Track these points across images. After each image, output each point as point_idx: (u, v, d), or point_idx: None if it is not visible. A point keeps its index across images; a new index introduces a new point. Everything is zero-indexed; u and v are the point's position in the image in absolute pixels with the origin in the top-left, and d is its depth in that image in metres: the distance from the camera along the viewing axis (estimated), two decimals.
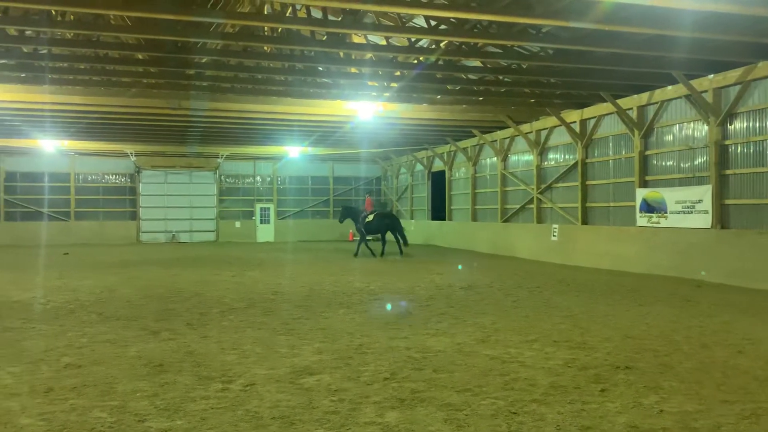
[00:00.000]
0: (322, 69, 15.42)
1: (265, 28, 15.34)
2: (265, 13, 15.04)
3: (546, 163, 21.60)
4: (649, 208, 16.36)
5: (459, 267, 18.17)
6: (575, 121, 19.56)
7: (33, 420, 4.90)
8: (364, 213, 23.03)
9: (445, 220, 29.67)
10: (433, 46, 14.35)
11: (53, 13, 12.62)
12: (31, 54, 13.77)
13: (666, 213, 15.78)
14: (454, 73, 15.83)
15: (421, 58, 14.53)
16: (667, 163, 16.22)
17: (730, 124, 14.29)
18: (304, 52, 14.66)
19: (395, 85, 16.37)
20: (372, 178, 37.73)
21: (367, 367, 6.50)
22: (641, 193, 16.68)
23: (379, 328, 8.68)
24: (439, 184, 30.78)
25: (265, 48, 15.40)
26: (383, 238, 22.55)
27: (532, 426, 4.71)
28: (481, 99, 18.29)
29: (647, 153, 16.77)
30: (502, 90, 17.52)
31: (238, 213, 35.49)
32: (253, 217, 35.63)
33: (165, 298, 11.87)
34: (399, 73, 15.91)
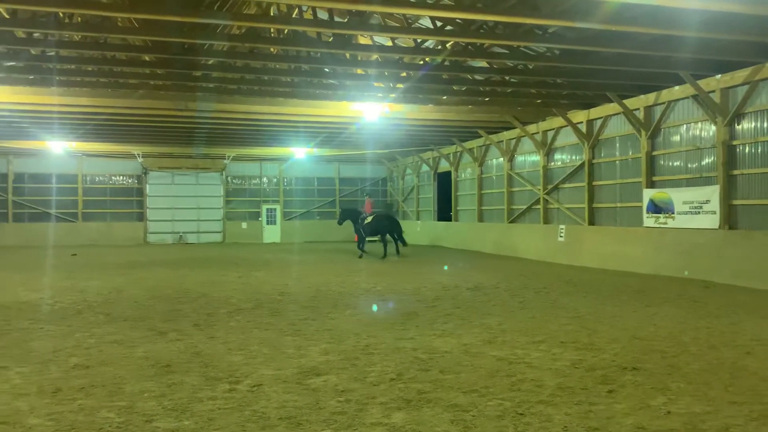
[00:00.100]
0: (328, 70, 15.45)
1: (272, 30, 15.40)
2: (272, 14, 15.09)
3: (552, 163, 21.56)
4: (656, 208, 16.30)
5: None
6: (582, 122, 19.51)
7: (41, 420, 4.93)
8: (363, 215, 23.33)
9: (451, 221, 29.66)
10: (439, 47, 14.36)
11: (61, 15, 12.69)
12: (39, 56, 13.85)
13: (673, 213, 15.72)
14: (460, 73, 15.83)
15: (427, 59, 14.54)
16: (675, 164, 16.16)
17: (738, 125, 14.22)
18: (311, 54, 14.70)
19: (401, 85, 16.38)
20: (378, 179, 37.76)
21: (374, 367, 6.51)
22: (648, 193, 16.62)
23: (386, 328, 8.69)
24: (445, 185, 30.74)
25: (272, 49, 15.44)
26: (384, 240, 22.62)
27: (539, 427, 4.70)
28: (487, 99, 18.28)
29: (654, 153, 16.71)
30: (509, 90, 17.51)
31: (244, 214, 35.56)
32: (260, 218, 35.72)
33: (172, 298, 11.91)
34: (405, 73, 15.93)
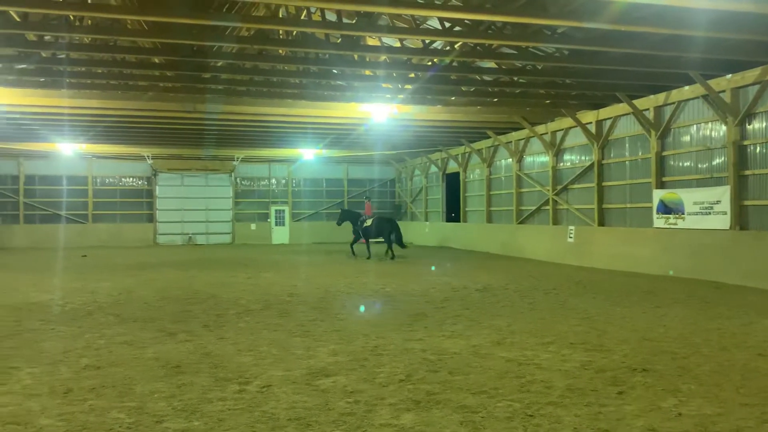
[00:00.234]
0: (337, 71, 15.47)
1: (280, 32, 15.43)
2: (280, 16, 15.11)
3: (561, 164, 21.48)
4: (666, 209, 16.21)
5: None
6: (591, 122, 19.44)
7: (53, 420, 4.96)
8: (363, 217, 23.64)
9: (459, 222, 29.62)
10: (448, 48, 14.34)
11: (71, 18, 12.78)
12: (49, 59, 13.95)
13: (683, 214, 15.62)
14: (469, 74, 15.80)
15: (435, 60, 14.53)
16: (685, 164, 16.06)
17: (749, 124, 14.12)
18: (319, 55, 14.72)
19: (409, 86, 16.37)
20: (386, 180, 37.78)
21: (383, 368, 6.51)
22: (658, 194, 16.52)
23: (394, 329, 8.68)
24: (453, 185, 30.72)
25: (280, 51, 15.49)
26: (388, 241, 22.67)
27: (548, 428, 4.69)
28: (495, 100, 18.24)
29: (664, 154, 16.62)
30: (517, 91, 17.47)
31: (253, 215, 35.67)
32: (269, 220, 35.82)
33: (182, 299, 11.96)
34: (413, 74, 15.92)
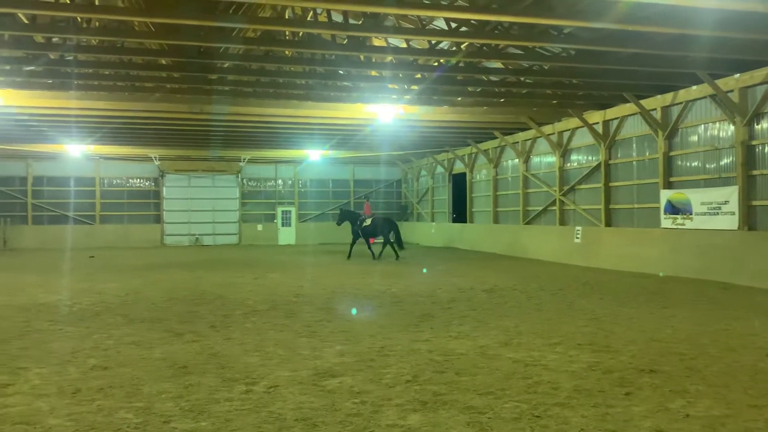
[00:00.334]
0: (343, 72, 15.49)
1: (287, 33, 15.46)
2: (287, 17, 15.14)
3: (568, 164, 21.42)
4: (673, 209, 16.14)
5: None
6: (598, 122, 19.38)
7: (61, 420, 4.98)
8: (362, 217, 23.77)
9: (466, 222, 29.58)
10: (454, 48, 14.33)
11: (79, 20, 12.85)
12: (57, 60, 14.02)
13: (691, 214, 15.55)
14: (475, 74, 15.78)
15: (441, 60, 14.53)
16: (692, 164, 15.99)
17: (758, 124, 14.05)
18: (325, 56, 14.74)
19: (416, 87, 16.37)
20: (392, 181, 37.78)
21: (389, 369, 6.51)
22: (665, 194, 16.45)
23: (401, 330, 8.68)
24: (460, 186, 30.68)
25: (287, 52, 15.53)
26: (387, 242, 22.67)
27: (555, 430, 4.68)
28: (502, 100, 18.21)
29: (671, 154, 16.55)
30: (524, 91, 17.43)
31: (260, 216, 35.73)
32: (275, 220, 35.87)
33: (189, 300, 11.99)
34: (419, 75, 15.91)
